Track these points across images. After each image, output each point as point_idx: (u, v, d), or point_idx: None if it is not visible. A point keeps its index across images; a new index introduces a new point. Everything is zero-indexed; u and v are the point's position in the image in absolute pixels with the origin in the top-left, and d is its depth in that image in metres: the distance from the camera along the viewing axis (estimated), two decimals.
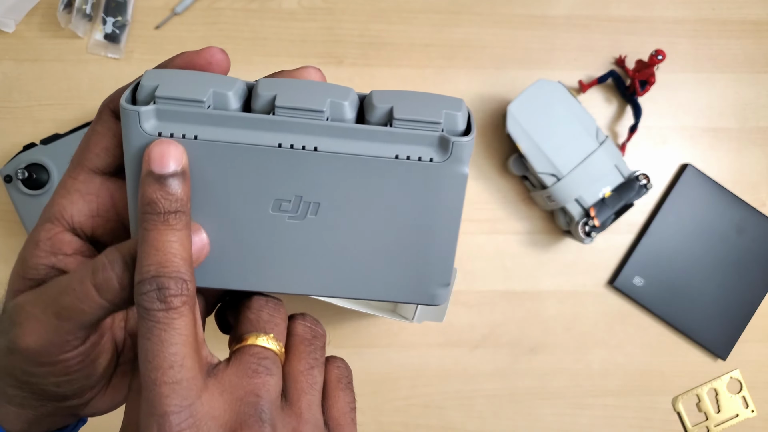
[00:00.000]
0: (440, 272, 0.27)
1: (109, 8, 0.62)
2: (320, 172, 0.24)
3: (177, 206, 0.22)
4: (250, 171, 0.24)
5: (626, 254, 0.66)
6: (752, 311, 0.66)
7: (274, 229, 0.25)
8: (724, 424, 0.66)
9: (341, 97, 0.24)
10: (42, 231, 0.25)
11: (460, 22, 0.66)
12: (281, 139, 0.23)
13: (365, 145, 0.24)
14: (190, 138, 0.23)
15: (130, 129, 0.23)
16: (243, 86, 0.24)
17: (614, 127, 0.67)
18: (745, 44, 0.69)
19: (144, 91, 0.23)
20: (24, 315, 0.23)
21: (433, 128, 0.24)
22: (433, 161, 0.24)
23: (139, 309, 0.21)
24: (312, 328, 0.26)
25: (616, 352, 0.66)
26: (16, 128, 0.62)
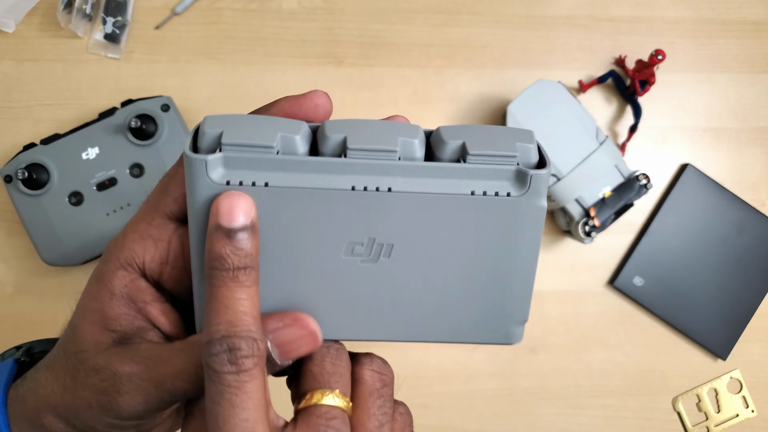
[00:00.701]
0: (518, 310, 0.26)
1: (109, 8, 0.62)
2: (394, 213, 0.23)
3: (246, 262, 0.22)
4: (322, 215, 0.23)
5: (626, 254, 0.66)
6: (752, 311, 0.66)
7: (347, 274, 0.24)
8: (724, 424, 0.66)
9: (411, 135, 0.23)
10: (115, 278, 0.24)
11: (460, 22, 0.66)
12: (354, 181, 0.23)
13: (440, 182, 0.23)
14: (261, 185, 0.22)
15: (196, 178, 0.22)
16: (308, 130, 0.24)
17: (614, 127, 0.67)
18: (745, 44, 0.69)
19: (207, 138, 0.22)
20: (132, 386, 0.23)
21: (508, 162, 0.23)
22: (510, 195, 0.23)
23: (208, 371, 0.21)
24: (381, 375, 0.25)
25: (616, 352, 0.66)
26: (16, 128, 0.62)
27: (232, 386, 0.20)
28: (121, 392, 0.23)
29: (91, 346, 0.24)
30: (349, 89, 0.64)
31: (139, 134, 0.58)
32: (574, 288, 0.66)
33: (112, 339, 0.24)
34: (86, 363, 0.24)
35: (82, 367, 0.24)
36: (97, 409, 0.24)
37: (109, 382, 0.24)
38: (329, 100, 0.25)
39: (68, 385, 0.24)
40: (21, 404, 0.25)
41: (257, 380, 0.21)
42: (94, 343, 0.24)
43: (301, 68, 0.64)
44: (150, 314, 0.25)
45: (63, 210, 0.58)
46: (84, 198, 0.58)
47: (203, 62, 0.63)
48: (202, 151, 0.23)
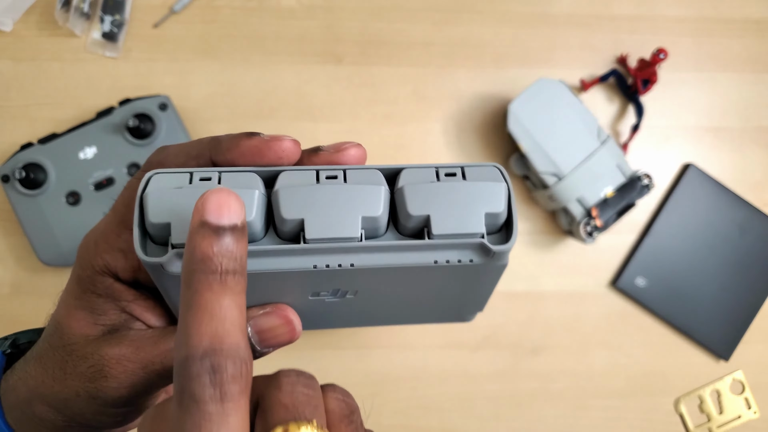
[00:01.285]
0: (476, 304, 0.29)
1: (107, 7, 0.61)
2: (357, 278, 0.24)
3: (236, 265, 0.19)
4: (285, 283, 0.23)
5: (628, 255, 0.66)
6: (755, 312, 0.66)
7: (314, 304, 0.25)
8: (726, 426, 0.66)
9: (373, 207, 0.22)
10: (96, 282, 0.24)
11: (461, 21, 0.66)
12: (315, 261, 0.22)
13: (402, 255, 0.23)
14: None
15: (158, 274, 0.22)
16: (263, 200, 0.22)
17: (616, 126, 0.67)
18: (747, 43, 0.68)
19: (155, 229, 0.21)
20: (120, 368, 0.23)
21: (472, 238, 0.23)
22: (473, 262, 0.23)
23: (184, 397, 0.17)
24: (347, 402, 0.23)
25: (618, 353, 0.66)
26: (14, 127, 0.61)
27: (213, 419, 0.17)
28: (108, 376, 0.23)
29: (80, 339, 0.25)
30: (348, 88, 0.64)
31: (137, 133, 0.58)
32: (575, 289, 0.66)
33: (101, 331, 0.25)
34: (75, 354, 0.24)
35: (70, 358, 0.24)
36: (84, 397, 0.24)
37: (96, 367, 0.24)
38: (296, 148, 0.23)
39: (57, 376, 0.25)
40: (13, 394, 0.26)
41: (242, 411, 0.17)
42: (83, 336, 0.25)
43: (300, 67, 0.64)
44: (134, 312, 0.25)
45: (60, 210, 0.57)
46: (81, 198, 0.58)
47: (201, 61, 0.63)
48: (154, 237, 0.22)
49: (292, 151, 0.23)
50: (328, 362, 0.63)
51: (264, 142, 0.22)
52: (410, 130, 0.65)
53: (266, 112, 0.63)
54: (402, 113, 0.65)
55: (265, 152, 0.23)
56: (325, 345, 0.63)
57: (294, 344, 0.63)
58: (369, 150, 0.70)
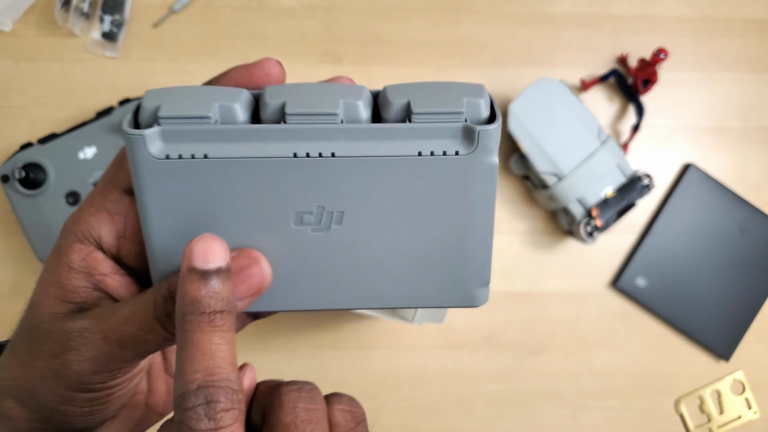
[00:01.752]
0: (479, 271, 0.25)
1: (107, 6, 0.61)
2: (341, 179, 0.23)
3: (222, 305, 0.21)
4: (267, 185, 0.23)
5: (629, 255, 0.66)
6: (755, 312, 0.66)
7: (298, 244, 0.24)
8: (726, 426, 0.66)
9: (354, 96, 0.22)
10: (72, 252, 0.24)
11: (461, 20, 0.66)
12: (295, 148, 0.22)
13: (385, 144, 0.22)
14: (200, 157, 0.22)
15: (137, 154, 0.22)
16: (249, 96, 0.23)
17: (616, 126, 0.67)
18: (747, 43, 0.68)
19: (146, 112, 0.22)
20: (82, 341, 0.23)
21: (455, 119, 0.22)
22: (459, 154, 0.22)
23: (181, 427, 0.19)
24: (353, 412, 0.23)
25: (618, 353, 0.66)
26: (13, 127, 0.61)
27: None
28: (70, 349, 0.23)
29: (48, 318, 0.24)
30: None
31: None
32: (576, 289, 0.66)
33: (69, 309, 0.24)
34: (41, 332, 0.24)
35: (37, 338, 0.24)
36: (49, 379, 0.23)
37: (60, 342, 0.23)
38: (282, 69, 0.24)
39: (25, 360, 0.24)
40: None
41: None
42: (51, 315, 0.24)
43: (300, 66, 0.64)
44: (108, 286, 0.24)
45: (60, 210, 0.57)
46: (81, 198, 0.58)
47: (201, 61, 0.63)
48: (142, 127, 0.22)
49: (278, 69, 0.24)
50: (328, 362, 0.63)
51: (251, 64, 0.24)
52: None
53: None
54: None
55: (253, 71, 0.24)
56: (325, 345, 0.63)
57: (294, 344, 0.63)
58: None
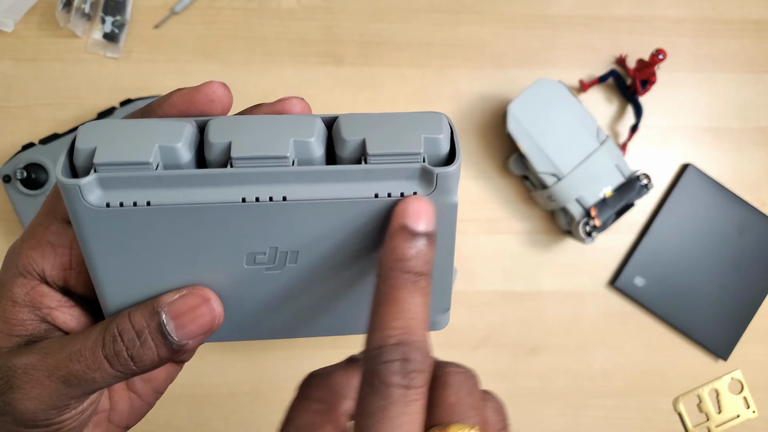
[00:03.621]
0: (438, 300, 0.25)
1: (108, 7, 0.62)
2: (293, 221, 0.21)
3: (428, 269, 0.20)
4: (215, 229, 0.21)
5: (627, 254, 0.66)
6: (753, 311, 0.66)
7: (251, 282, 0.23)
8: (725, 425, 0.66)
9: (306, 133, 0.21)
10: (15, 287, 0.22)
11: (461, 21, 0.66)
12: (244, 192, 0.20)
13: (340, 186, 0.21)
14: (143, 205, 0.20)
15: (74, 203, 0.20)
16: (193, 132, 0.21)
17: (615, 126, 0.67)
18: (746, 44, 0.68)
19: (81, 156, 0.20)
20: (26, 378, 0.22)
21: (412, 160, 0.21)
22: (417, 195, 0.21)
23: (374, 380, 0.18)
24: (503, 414, 0.23)
25: (616, 352, 0.66)
26: (15, 128, 0.62)
27: (398, 404, 0.18)
28: (14, 387, 0.22)
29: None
30: (348, 89, 0.64)
31: None
32: (574, 288, 0.66)
33: (16, 343, 0.23)
34: None
35: None
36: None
37: (3, 380, 0.22)
38: (227, 93, 0.23)
39: None
40: None
41: (422, 402, 0.19)
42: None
43: (300, 67, 0.64)
44: (56, 319, 0.23)
45: None
46: None
47: (202, 62, 0.63)
48: (79, 170, 0.20)
49: (223, 93, 0.22)
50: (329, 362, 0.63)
51: (193, 88, 0.22)
52: None
53: None
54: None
55: (196, 97, 0.22)
56: (326, 345, 0.63)
57: (294, 344, 0.63)
58: None
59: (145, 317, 0.22)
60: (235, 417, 0.62)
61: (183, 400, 0.61)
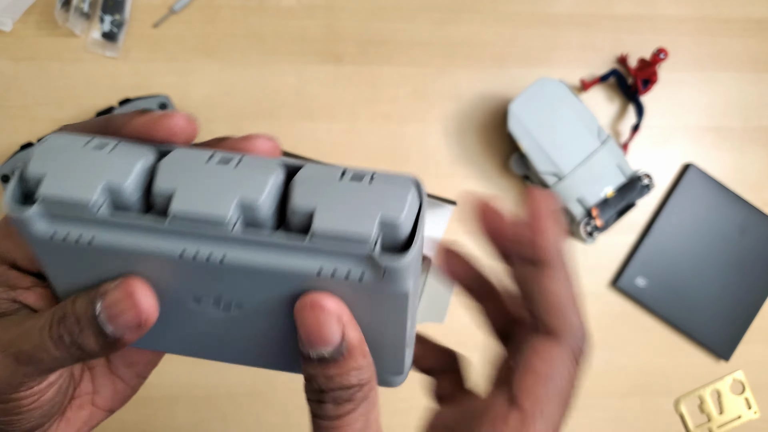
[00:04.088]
0: (391, 365, 0.24)
1: (107, 6, 0.61)
2: (235, 280, 0.20)
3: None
4: (158, 273, 0.21)
5: (629, 255, 0.66)
6: (755, 312, 0.66)
7: (198, 316, 0.22)
8: (726, 426, 0.66)
9: (255, 191, 0.19)
10: None
11: (461, 20, 0.66)
12: (183, 246, 0.20)
13: (281, 257, 0.19)
14: (85, 242, 0.20)
15: (22, 230, 0.20)
16: (148, 166, 0.20)
17: (616, 126, 0.67)
18: (748, 43, 0.68)
19: (31, 182, 0.20)
20: None
21: (359, 246, 0.19)
22: (363, 280, 0.19)
23: None
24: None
25: (618, 353, 0.66)
26: (13, 127, 0.61)
27: None
28: None
29: None
30: (348, 88, 0.64)
31: None
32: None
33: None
34: None
35: None
36: None
37: None
38: (190, 125, 0.22)
39: None
40: None
41: None
42: None
43: (300, 66, 0.64)
44: (27, 300, 0.23)
45: None
46: None
47: (201, 61, 0.63)
48: (30, 194, 0.20)
49: (185, 127, 0.22)
50: None
51: (154, 119, 0.22)
52: (410, 130, 0.65)
53: (266, 112, 0.63)
54: (402, 113, 0.65)
55: (156, 128, 0.21)
56: None
57: None
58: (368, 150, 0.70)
59: (84, 305, 0.21)
60: (233, 417, 0.62)
61: (182, 400, 0.61)
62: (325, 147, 0.63)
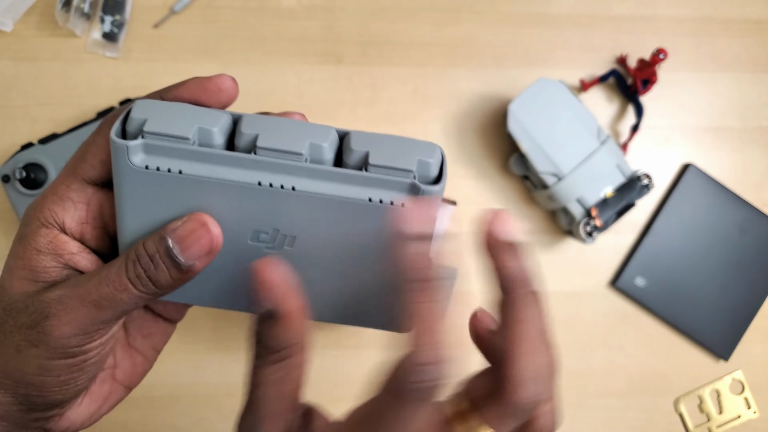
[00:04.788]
0: None
1: (108, 7, 0.62)
2: (297, 209, 0.25)
3: (427, 273, 0.23)
4: (231, 204, 0.25)
5: (628, 255, 0.66)
6: (755, 312, 0.66)
7: (251, 257, 0.26)
8: (726, 425, 0.66)
9: (321, 138, 0.25)
10: (39, 236, 0.25)
11: (461, 21, 0.66)
12: (261, 177, 0.24)
13: (341, 187, 0.24)
14: (175, 172, 0.24)
15: (119, 161, 0.24)
16: (228, 121, 0.25)
17: (616, 126, 0.67)
18: (747, 43, 0.68)
19: (134, 123, 0.24)
20: (60, 306, 0.24)
21: (405, 175, 0.24)
22: (404, 206, 0.25)
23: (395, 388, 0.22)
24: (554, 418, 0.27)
25: (617, 352, 0.66)
26: (14, 128, 0.62)
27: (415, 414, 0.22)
28: (49, 316, 0.24)
29: (20, 297, 0.25)
30: (348, 88, 0.64)
31: None
32: (575, 288, 0.66)
33: (41, 288, 0.25)
34: (15, 310, 0.25)
35: (10, 316, 0.25)
36: (26, 349, 0.24)
37: (38, 311, 0.24)
38: (235, 86, 0.26)
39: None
40: None
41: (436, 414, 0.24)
42: (23, 294, 0.25)
43: (300, 67, 0.64)
44: (78, 264, 0.26)
45: None
46: None
47: (202, 61, 0.63)
48: (129, 136, 0.24)
49: (230, 85, 0.26)
50: (328, 362, 0.63)
51: (207, 78, 0.26)
52: (410, 130, 0.65)
53: None
54: (402, 113, 0.65)
55: (208, 85, 0.26)
56: (325, 344, 0.63)
57: None
58: None
59: (155, 243, 0.24)
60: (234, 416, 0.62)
61: (183, 400, 0.61)
62: None
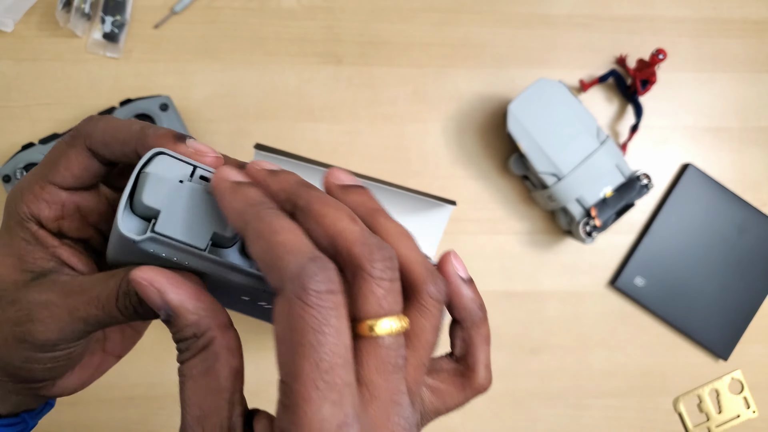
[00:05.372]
0: None
1: (108, 7, 0.62)
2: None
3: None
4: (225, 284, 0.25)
5: (627, 254, 0.66)
6: (754, 311, 0.66)
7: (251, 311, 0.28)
8: (725, 425, 0.66)
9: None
10: (24, 229, 0.26)
11: (461, 21, 0.66)
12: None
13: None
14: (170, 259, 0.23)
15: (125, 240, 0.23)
16: None
17: (615, 126, 0.67)
18: (746, 43, 0.68)
19: (143, 208, 0.23)
20: (47, 312, 0.24)
21: None
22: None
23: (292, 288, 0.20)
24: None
25: (617, 352, 0.66)
26: (15, 128, 0.62)
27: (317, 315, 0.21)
28: (35, 320, 0.24)
29: (9, 285, 0.25)
30: (348, 88, 0.64)
31: None
32: (574, 288, 0.66)
33: (30, 277, 0.26)
34: (4, 299, 0.25)
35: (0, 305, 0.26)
36: (12, 342, 0.25)
37: (24, 311, 0.25)
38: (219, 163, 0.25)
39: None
40: None
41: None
42: (12, 282, 0.25)
43: (300, 67, 0.64)
44: (62, 256, 0.26)
45: None
46: None
47: (202, 61, 0.63)
48: (136, 209, 0.23)
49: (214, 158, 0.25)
50: None
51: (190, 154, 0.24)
52: (410, 130, 0.65)
53: (267, 113, 0.64)
54: (402, 113, 0.65)
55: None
56: None
57: None
58: (368, 150, 0.71)
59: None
60: None
61: None
62: (325, 148, 0.64)
